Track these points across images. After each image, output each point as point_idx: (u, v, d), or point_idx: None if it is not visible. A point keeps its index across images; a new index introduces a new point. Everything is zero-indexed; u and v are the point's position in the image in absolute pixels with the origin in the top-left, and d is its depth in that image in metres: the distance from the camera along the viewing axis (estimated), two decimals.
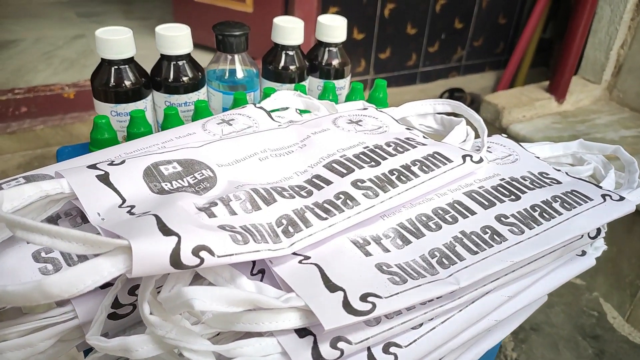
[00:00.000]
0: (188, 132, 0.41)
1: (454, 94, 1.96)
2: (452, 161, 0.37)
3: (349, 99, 0.55)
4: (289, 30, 0.53)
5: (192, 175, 0.33)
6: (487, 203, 0.36)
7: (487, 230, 0.33)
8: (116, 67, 0.48)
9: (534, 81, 2.15)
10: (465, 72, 2.16)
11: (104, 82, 0.48)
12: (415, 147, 0.38)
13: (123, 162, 0.33)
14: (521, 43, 1.95)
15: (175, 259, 0.24)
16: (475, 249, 0.32)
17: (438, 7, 1.91)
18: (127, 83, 0.48)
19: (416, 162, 0.36)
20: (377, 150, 0.38)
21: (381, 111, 0.45)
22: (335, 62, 0.57)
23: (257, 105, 0.46)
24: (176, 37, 0.49)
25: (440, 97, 1.94)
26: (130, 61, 0.48)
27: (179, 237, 0.25)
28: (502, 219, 0.34)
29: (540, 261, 0.34)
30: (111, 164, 0.33)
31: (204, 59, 0.53)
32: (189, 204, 0.29)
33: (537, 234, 0.33)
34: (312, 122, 0.42)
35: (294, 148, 0.38)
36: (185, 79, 0.50)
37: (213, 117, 0.43)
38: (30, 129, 1.54)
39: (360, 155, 0.37)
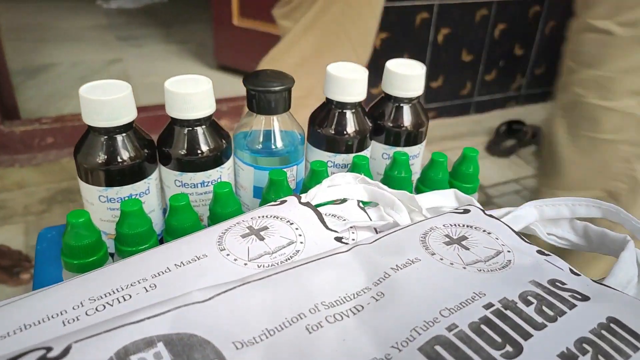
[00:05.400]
0: (195, 254, 0.26)
1: (512, 126, 1.77)
2: None
3: (428, 176, 0.40)
4: (348, 83, 0.39)
5: None
6: None
7: None
8: (106, 137, 0.34)
9: None
10: (524, 102, 1.97)
11: (91, 157, 0.34)
12: (574, 305, 0.22)
13: (66, 352, 0.18)
14: None
15: None
16: None
17: (497, 32, 1.74)
18: (123, 158, 0.34)
19: (584, 345, 0.20)
20: (508, 313, 0.22)
21: (491, 216, 0.30)
22: (407, 124, 0.42)
23: (303, 200, 0.31)
24: (192, 97, 0.35)
25: (498, 129, 1.76)
26: (127, 128, 0.35)
27: None
28: None
29: None
30: (44, 358, 0.18)
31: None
32: None
33: None
34: (387, 240, 0.27)
35: (364, 300, 0.23)
36: (203, 150, 0.36)
37: (237, 223, 0.29)
38: (56, 160, 1.45)
39: (483, 328, 0.21)
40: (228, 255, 0.26)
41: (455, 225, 0.28)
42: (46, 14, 2.52)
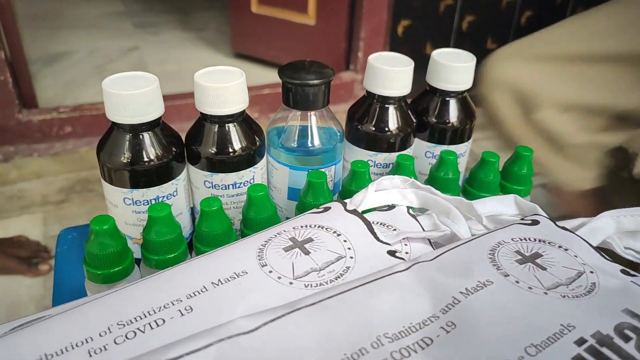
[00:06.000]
0: (234, 270, 0.23)
1: None
2: None
3: (477, 177, 0.37)
4: (390, 75, 0.35)
5: None
6: None
7: None
8: (132, 134, 0.31)
9: None
10: None
11: (115, 156, 0.32)
12: None
13: None
14: None
15: None
16: None
17: (523, 19, 1.69)
18: (150, 157, 0.32)
19: None
20: (605, 351, 0.19)
21: (564, 229, 0.26)
22: (454, 119, 0.39)
23: (349, 207, 0.28)
24: (223, 91, 0.32)
25: None
26: (154, 124, 0.32)
27: None
28: None
29: None
30: None
31: (263, 75, 0.35)
32: None
33: None
34: (450, 256, 0.24)
35: (432, 332, 0.20)
36: (235, 149, 0.33)
37: (277, 234, 0.26)
38: (75, 150, 1.44)
39: None
40: (270, 272, 0.23)
41: (525, 239, 0.25)
42: (62, 1, 2.50)
